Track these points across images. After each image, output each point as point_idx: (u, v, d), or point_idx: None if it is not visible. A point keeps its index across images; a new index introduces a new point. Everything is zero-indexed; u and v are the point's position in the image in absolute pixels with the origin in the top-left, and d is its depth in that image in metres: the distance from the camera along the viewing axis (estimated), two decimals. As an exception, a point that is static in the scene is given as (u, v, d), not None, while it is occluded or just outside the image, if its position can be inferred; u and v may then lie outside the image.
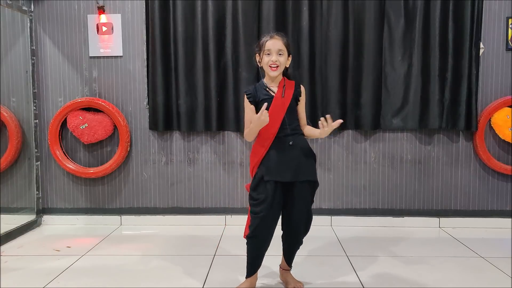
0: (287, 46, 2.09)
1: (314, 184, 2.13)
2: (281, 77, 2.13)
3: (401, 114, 3.22)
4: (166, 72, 3.22)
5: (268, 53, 2.05)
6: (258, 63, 2.14)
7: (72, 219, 3.38)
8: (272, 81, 2.11)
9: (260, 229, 2.05)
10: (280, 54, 2.05)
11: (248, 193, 2.13)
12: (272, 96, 2.08)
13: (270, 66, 2.05)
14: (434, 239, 3.05)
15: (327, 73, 3.19)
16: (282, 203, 2.09)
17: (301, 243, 2.20)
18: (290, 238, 2.17)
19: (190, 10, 3.16)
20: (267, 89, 2.11)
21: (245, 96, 2.13)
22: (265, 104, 1.97)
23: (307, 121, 2.21)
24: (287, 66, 2.14)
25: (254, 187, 2.07)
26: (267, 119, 1.97)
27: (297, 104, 2.15)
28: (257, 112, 2.03)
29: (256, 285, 2.20)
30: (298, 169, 2.06)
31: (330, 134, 3.24)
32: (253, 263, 2.13)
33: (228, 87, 3.22)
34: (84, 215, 3.39)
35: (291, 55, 2.14)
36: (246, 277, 2.15)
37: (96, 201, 3.40)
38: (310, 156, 2.12)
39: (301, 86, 2.18)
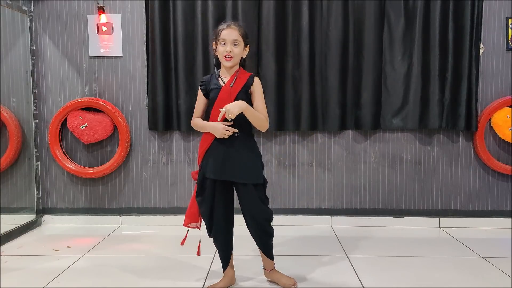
0: (244, 36, 2.04)
1: (258, 186, 2.06)
2: (237, 67, 2.08)
3: (401, 114, 3.22)
4: (166, 72, 3.21)
5: (223, 42, 2.01)
6: (214, 52, 2.09)
7: (72, 219, 3.38)
8: (227, 71, 2.08)
9: (214, 232, 2.11)
10: (235, 45, 2.01)
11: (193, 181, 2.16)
12: (221, 87, 2.05)
13: (225, 57, 2.01)
14: (434, 239, 3.05)
15: (327, 73, 3.18)
16: (230, 199, 2.12)
17: (269, 233, 2.13)
18: (254, 232, 2.12)
19: (190, 10, 3.16)
20: (219, 78, 2.08)
21: (199, 83, 2.15)
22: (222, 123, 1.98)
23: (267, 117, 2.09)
24: (244, 56, 2.09)
25: (198, 184, 2.11)
26: (224, 136, 1.99)
27: (249, 98, 2.06)
28: (208, 100, 2.10)
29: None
30: (235, 168, 2.02)
31: (331, 134, 3.26)
32: (221, 258, 2.18)
33: (228, 87, 3.21)
34: (84, 215, 3.39)
35: (248, 46, 2.09)
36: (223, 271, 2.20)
37: (96, 201, 3.40)
38: (252, 156, 2.07)
39: (256, 78, 2.07)
